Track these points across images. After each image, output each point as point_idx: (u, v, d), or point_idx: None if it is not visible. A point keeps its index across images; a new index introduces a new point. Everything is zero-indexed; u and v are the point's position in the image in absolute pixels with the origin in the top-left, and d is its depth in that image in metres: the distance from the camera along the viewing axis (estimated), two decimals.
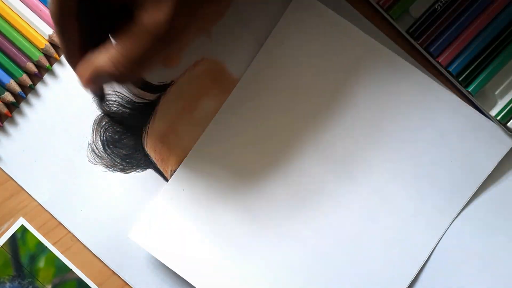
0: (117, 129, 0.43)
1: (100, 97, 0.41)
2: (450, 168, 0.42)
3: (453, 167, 0.42)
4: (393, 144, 0.42)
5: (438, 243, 0.42)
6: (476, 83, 0.41)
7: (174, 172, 0.43)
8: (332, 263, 0.42)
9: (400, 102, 0.42)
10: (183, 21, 0.33)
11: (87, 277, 0.43)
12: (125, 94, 0.43)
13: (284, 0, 0.42)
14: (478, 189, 0.42)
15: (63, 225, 0.43)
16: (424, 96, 0.42)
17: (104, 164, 0.43)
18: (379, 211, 0.42)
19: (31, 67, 0.43)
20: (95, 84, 0.36)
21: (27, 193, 0.43)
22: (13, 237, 0.43)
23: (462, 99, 0.42)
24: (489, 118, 0.42)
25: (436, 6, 0.41)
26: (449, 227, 0.42)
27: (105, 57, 0.34)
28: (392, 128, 0.42)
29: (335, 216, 0.42)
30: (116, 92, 0.43)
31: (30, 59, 0.43)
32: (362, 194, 0.42)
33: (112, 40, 0.35)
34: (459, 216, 0.42)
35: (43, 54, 0.43)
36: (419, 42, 0.41)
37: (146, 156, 0.43)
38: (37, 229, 0.43)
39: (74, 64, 0.36)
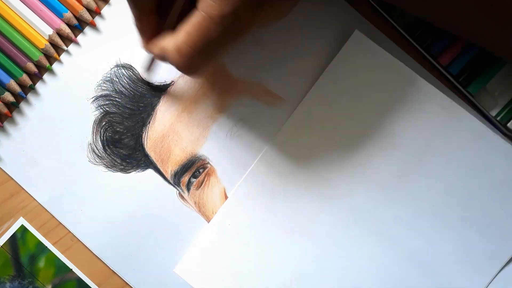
0: (117, 129, 0.43)
1: (152, 66, 0.41)
2: (500, 215, 0.41)
3: (503, 215, 0.41)
4: (443, 188, 0.41)
5: None
6: (476, 83, 0.41)
7: (174, 172, 0.43)
8: None
9: (453, 146, 0.41)
10: (250, 14, 0.32)
11: (87, 277, 0.43)
12: (126, 93, 0.43)
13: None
14: None
15: (63, 225, 0.43)
16: (477, 142, 0.41)
17: (104, 164, 0.43)
18: (425, 255, 0.41)
19: (31, 67, 0.43)
20: (160, 60, 0.36)
21: (27, 193, 0.43)
22: (13, 237, 0.43)
23: (462, 99, 0.42)
24: (490, 119, 0.42)
25: None
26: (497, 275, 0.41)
27: (171, 42, 0.33)
28: (443, 172, 0.41)
29: (379, 257, 0.42)
30: (116, 92, 0.43)
31: (30, 59, 0.43)
32: (408, 236, 0.42)
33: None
34: (508, 265, 0.41)
35: (43, 54, 0.43)
36: (419, 42, 0.41)
37: (146, 156, 0.43)
38: (37, 229, 0.43)
39: (142, 29, 0.36)
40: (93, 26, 0.43)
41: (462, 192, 0.41)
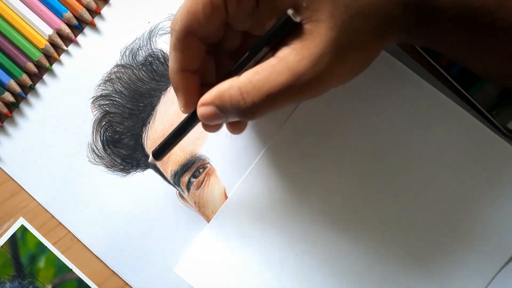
0: (117, 129, 0.43)
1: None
2: (500, 215, 0.41)
3: (504, 215, 0.41)
4: (442, 188, 0.41)
5: None
6: (476, 85, 0.41)
7: (174, 172, 0.43)
8: None
9: (453, 146, 0.41)
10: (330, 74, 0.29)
11: (87, 277, 0.43)
12: (126, 93, 0.43)
13: None
14: None
15: (63, 225, 0.43)
16: (477, 142, 0.41)
17: (104, 164, 0.43)
18: (425, 256, 0.41)
19: (31, 67, 0.43)
20: (211, 117, 0.32)
21: (27, 193, 0.43)
22: (13, 237, 0.43)
23: (462, 99, 0.42)
24: (490, 119, 0.42)
25: None
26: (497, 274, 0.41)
27: (232, 83, 0.30)
28: (443, 172, 0.41)
29: (379, 258, 0.42)
30: (116, 92, 0.43)
31: (30, 59, 0.43)
32: (408, 237, 0.42)
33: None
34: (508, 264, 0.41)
35: (43, 54, 0.43)
36: None
37: (146, 156, 0.43)
38: (37, 229, 0.43)
39: (183, 86, 0.34)
40: (93, 26, 0.43)
41: (462, 192, 0.41)
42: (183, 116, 0.43)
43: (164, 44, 0.43)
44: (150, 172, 0.43)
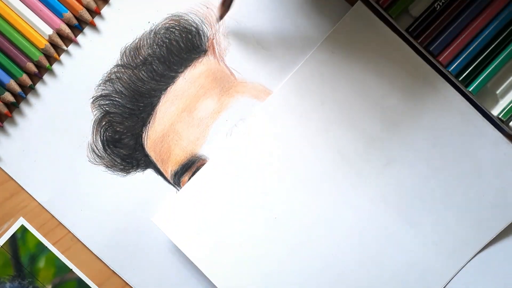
0: (117, 129, 0.43)
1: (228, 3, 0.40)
2: (481, 202, 0.41)
3: (484, 202, 0.41)
4: (427, 169, 0.41)
5: (456, 274, 0.41)
6: (477, 82, 0.41)
7: (174, 172, 0.43)
8: (351, 281, 0.42)
9: (442, 127, 0.41)
10: None
11: (87, 277, 0.43)
12: (126, 93, 0.43)
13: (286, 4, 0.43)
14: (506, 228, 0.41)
15: (63, 225, 0.43)
16: (466, 126, 0.41)
17: (104, 164, 0.43)
18: (404, 234, 0.42)
19: (31, 67, 0.43)
20: None
21: (27, 193, 0.43)
22: (13, 237, 0.43)
23: (463, 97, 0.42)
24: (491, 118, 0.41)
25: (436, 5, 0.41)
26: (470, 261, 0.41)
27: None
28: (428, 152, 0.41)
29: (358, 234, 0.42)
30: (116, 92, 0.43)
31: (30, 59, 0.43)
32: (388, 214, 0.42)
33: None
34: (482, 251, 0.41)
35: (43, 54, 0.43)
36: (418, 41, 0.41)
37: (146, 156, 0.43)
38: (37, 229, 0.43)
39: None
40: (93, 26, 0.44)
41: (446, 174, 0.41)
42: (183, 116, 0.43)
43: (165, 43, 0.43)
44: (150, 172, 0.43)
